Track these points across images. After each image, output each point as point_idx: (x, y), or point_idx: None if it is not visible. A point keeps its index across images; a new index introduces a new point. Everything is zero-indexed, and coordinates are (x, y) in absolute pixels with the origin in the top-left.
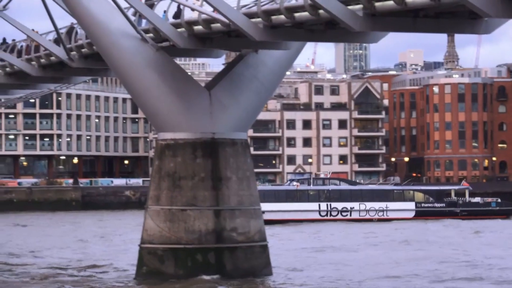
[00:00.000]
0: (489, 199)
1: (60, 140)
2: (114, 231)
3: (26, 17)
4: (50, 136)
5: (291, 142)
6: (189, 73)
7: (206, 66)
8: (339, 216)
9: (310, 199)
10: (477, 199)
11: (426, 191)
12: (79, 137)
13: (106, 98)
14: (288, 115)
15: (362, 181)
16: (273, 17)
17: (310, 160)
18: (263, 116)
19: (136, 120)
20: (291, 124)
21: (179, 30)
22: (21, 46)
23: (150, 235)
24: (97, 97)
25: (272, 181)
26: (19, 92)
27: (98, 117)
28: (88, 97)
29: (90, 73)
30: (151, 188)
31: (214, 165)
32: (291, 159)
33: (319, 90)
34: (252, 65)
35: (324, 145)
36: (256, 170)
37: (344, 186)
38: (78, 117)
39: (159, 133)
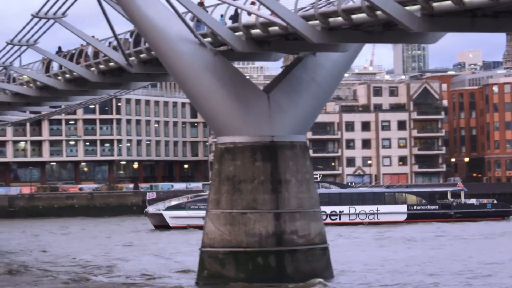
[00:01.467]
0: (485, 201)
1: (120, 145)
2: (174, 234)
3: (83, 24)
4: (110, 142)
5: (350, 144)
6: (247, 77)
7: (264, 69)
8: (328, 220)
9: None
10: (472, 201)
11: (419, 193)
12: (139, 142)
13: (165, 103)
14: (347, 117)
15: (422, 182)
16: (331, 19)
17: (369, 162)
18: (321, 118)
19: (195, 124)
20: (350, 126)
21: (237, 34)
22: (80, 53)
23: (211, 238)
24: (157, 102)
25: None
26: (79, 98)
27: (157, 122)
28: (147, 102)
29: (149, 79)
30: (211, 192)
31: (273, 168)
32: (351, 161)
33: (377, 92)
34: (310, 67)
35: (383, 147)
36: (315, 172)
37: (333, 190)
38: (138, 122)
39: (218, 137)
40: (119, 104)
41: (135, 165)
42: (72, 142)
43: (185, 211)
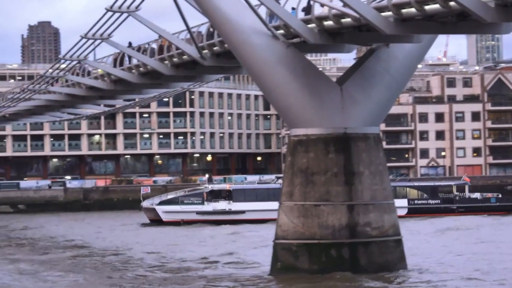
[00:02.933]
0: (489, 195)
1: (193, 138)
2: (247, 227)
3: (156, 18)
4: (184, 134)
5: (423, 135)
6: (320, 69)
7: (337, 61)
8: None
9: None
10: (476, 195)
11: (420, 188)
12: (212, 134)
13: (238, 95)
14: (421, 108)
15: (496, 173)
16: (404, 10)
17: (443, 153)
18: (395, 110)
19: (268, 116)
20: (423, 118)
21: (309, 26)
22: (154, 46)
23: (284, 230)
24: (230, 95)
25: (405, 175)
26: (153, 92)
27: (230, 114)
28: (220, 94)
29: (222, 71)
30: (284, 184)
31: (346, 160)
32: (424, 153)
33: (451, 83)
34: (383, 59)
35: (457, 138)
36: (388, 164)
37: None
38: (211, 114)
39: (291, 129)
40: (192, 97)
41: (209, 158)
42: (146, 135)
43: (178, 205)
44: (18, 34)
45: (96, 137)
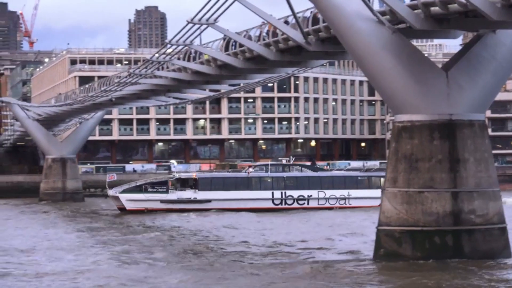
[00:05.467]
0: None
1: (298, 123)
2: (347, 213)
3: (260, 2)
4: (288, 120)
5: None
6: (426, 55)
7: (443, 47)
8: (295, 205)
9: (263, 187)
10: None
11: None
12: (316, 120)
13: (343, 81)
14: None
15: None
16: None
17: None
18: (501, 96)
19: (373, 102)
20: None
21: (415, 11)
22: (259, 32)
23: (388, 217)
24: (334, 80)
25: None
26: (258, 77)
27: (335, 100)
28: (325, 80)
29: (327, 57)
30: (388, 170)
31: (451, 147)
32: None
33: None
34: (490, 45)
35: None
36: (494, 151)
37: (301, 173)
38: (316, 100)
39: (396, 115)
40: (297, 82)
41: (312, 143)
42: (250, 120)
43: (142, 194)
44: (125, 19)
45: (201, 122)
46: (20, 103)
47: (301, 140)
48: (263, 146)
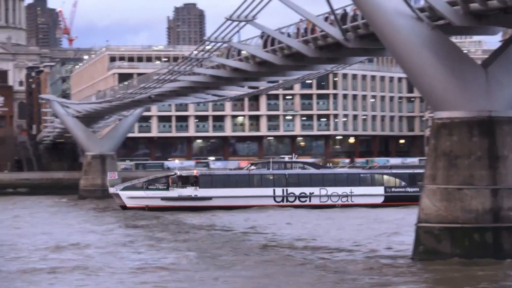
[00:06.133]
0: None
1: (336, 120)
2: (385, 211)
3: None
4: (327, 116)
5: None
6: (465, 51)
7: (482, 44)
8: (297, 202)
9: (265, 184)
10: None
11: (398, 175)
12: (355, 117)
13: (382, 78)
14: None
15: None
16: None
17: None
18: None
19: (412, 99)
20: None
21: (454, 8)
22: (296, 29)
23: (427, 214)
24: (373, 77)
25: None
26: (296, 74)
27: (373, 96)
28: (363, 77)
29: (365, 53)
30: (427, 167)
31: (490, 144)
32: None
33: None
34: None
35: None
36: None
37: (303, 170)
38: (354, 97)
39: (435, 112)
40: (335, 79)
41: (351, 140)
42: (289, 117)
43: (142, 191)
44: (164, 16)
45: (240, 119)
46: (59, 100)
47: (340, 137)
48: (302, 143)
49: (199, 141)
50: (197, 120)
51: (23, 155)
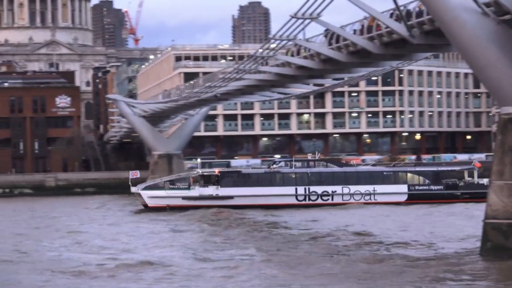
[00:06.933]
0: None
1: (402, 116)
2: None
3: None
4: (393, 113)
5: None
6: None
7: None
8: (319, 201)
9: (287, 183)
10: (484, 180)
11: (422, 173)
12: (421, 113)
13: (448, 74)
14: None
15: None
16: None
17: None
18: None
19: (478, 94)
20: None
21: None
22: (359, 26)
23: (494, 210)
24: (439, 73)
25: None
26: (362, 70)
27: (440, 92)
28: (429, 73)
29: (431, 49)
30: (494, 163)
31: None
32: None
33: None
34: None
35: None
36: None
37: (325, 169)
38: (420, 93)
39: (502, 107)
40: (401, 75)
41: (417, 136)
42: (354, 114)
43: (163, 190)
44: (229, 15)
45: (305, 116)
46: (126, 100)
47: (406, 134)
48: (368, 140)
49: (265, 139)
50: (262, 118)
51: (90, 155)
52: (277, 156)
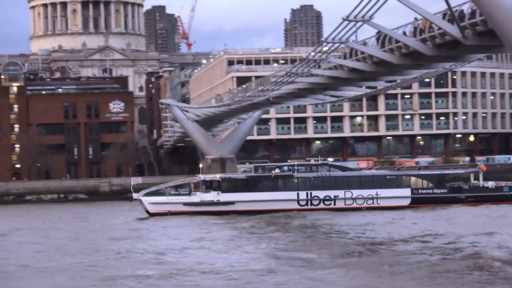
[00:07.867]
0: (503, 183)
1: (456, 118)
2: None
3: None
4: (446, 115)
5: None
6: None
7: None
8: (321, 205)
9: (288, 188)
10: (490, 183)
11: (425, 176)
12: (474, 114)
13: (501, 75)
14: None
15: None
16: None
17: None
18: None
19: None
20: None
21: None
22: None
23: None
24: (492, 74)
25: None
26: (414, 72)
27: (493, 94)
28: (483, 74)
29: (484, 50)
30: None
31: None
32: None
33: None
34: None
35: None
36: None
37: (327, 173)
38: (473, 94)
39: None
40: (454, 77)
41: (471, 138)
42: (407, 116)
43: (164, 196)
44: (281, 18)
45: (358, 119)
46: (179, 104)
47: (460, 135)
48: (421, 142)
49: (317, 142)
50: (315, 121)
51: (144, 159)
52: (330, 159)
